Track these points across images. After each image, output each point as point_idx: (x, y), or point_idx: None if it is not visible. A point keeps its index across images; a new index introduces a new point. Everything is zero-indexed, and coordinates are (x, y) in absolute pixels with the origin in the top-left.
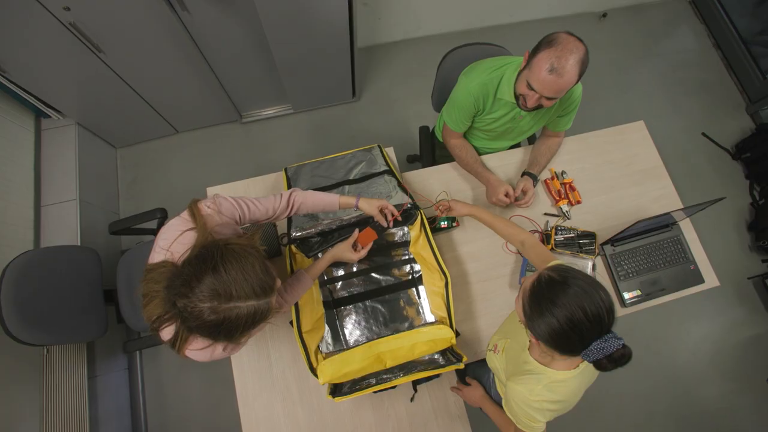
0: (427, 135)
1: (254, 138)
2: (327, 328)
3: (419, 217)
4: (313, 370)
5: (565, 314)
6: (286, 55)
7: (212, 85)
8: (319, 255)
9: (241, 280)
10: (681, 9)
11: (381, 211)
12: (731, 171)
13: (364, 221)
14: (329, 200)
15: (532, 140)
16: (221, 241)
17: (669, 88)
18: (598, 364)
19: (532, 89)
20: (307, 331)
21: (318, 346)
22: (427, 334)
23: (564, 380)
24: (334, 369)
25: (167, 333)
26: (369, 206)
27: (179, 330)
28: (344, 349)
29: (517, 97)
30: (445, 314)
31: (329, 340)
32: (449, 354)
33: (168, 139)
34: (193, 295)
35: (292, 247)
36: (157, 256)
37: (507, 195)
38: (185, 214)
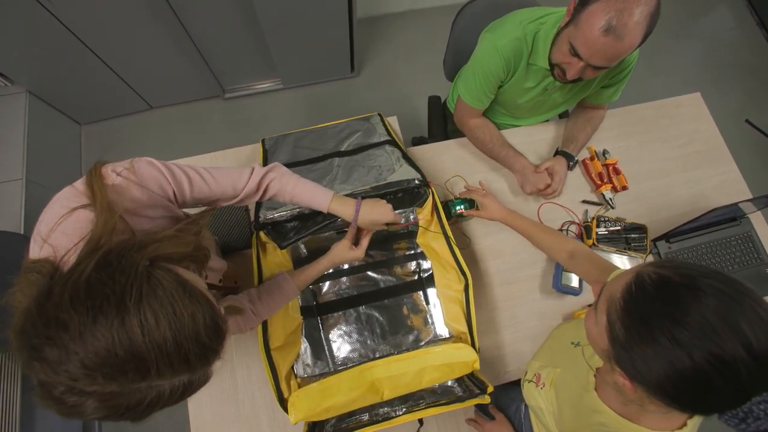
0: (438, 106)
1: (239, 116)
2: (305, 343)
3: (430, 197)
4: (284, 403)
5: (709, 346)
6: (276, 22)
7: (190, 54)
8: (301, 246)
9: (170, 345)
10: None
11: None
12: None
13: None
14: (318, 195)
15: (562, 115)
16: (141, 256)
17: (707, 71)
18: None
19: (576, 55)
20: (278, 347)
21: (292, 368)
22: (440, 355)
23: None
24: (312, 402)
25: None
26: (372, 224)
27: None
28: (328, 372)
29: (552, 66)
30: (464, 327)
31: (308, 360)
32: (468, 381)
33: (140, 115)
34: (67, 367)
35: (261, 234)
36: (34, 247)
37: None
38: (80, 184)
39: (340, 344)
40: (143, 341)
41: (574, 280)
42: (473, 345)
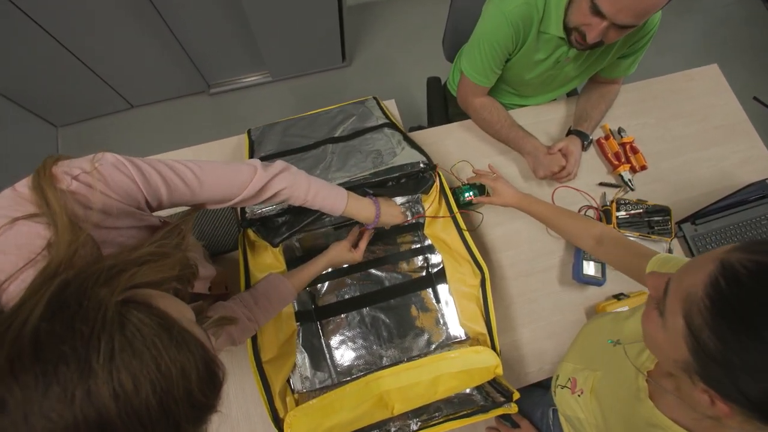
0: (437, 88)
1: (225, 111)
2: (303, 353)
3: (437, 182)
4: (279, 423)
5: None
6: (262, 11)
7: (171, 48)
8: (296, 244)
9: (155, 414)
10: None
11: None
12: None
13: None
14: (332, 199)
15: (570, 94)
16: (112, 290)
17: (712, 48)
18: None
19: (599, 14)
20: (270, 359)
21: (287, 382)
22: (456, 361)
23: None
24: (312, 422)
25: None
26: (383, 225)
27: None
28: (330, 385)
29: (568, 30)
30: (482, 328)
31: (306, 372)
32: (490, 388)
33: (121, 115)
34: None
35: (249, 232)
36: None
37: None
38: (23, 186)
39: (343, 351)
40: (119, 415)
41: (597, 269)
42: (493, 347)
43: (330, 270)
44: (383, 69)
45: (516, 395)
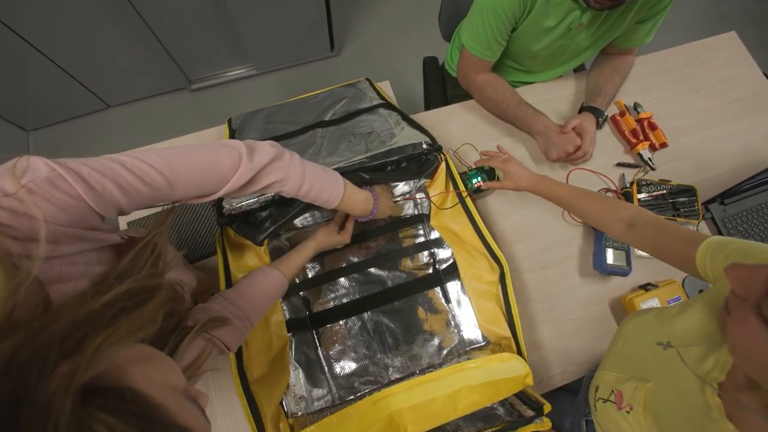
0: (435, 68)
1: (208, 108)
2: (297, 368)
3: (443, 165)
4: None
5: None
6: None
7: (148, 43)
8: (285, 242)
9: None
10: None
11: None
12: None
13: None
14: (328, 190)
15: (577, 70)
16: (64, 380)
17: (712, 25)
18: None
19: None
20: (259, 378)
21: (280, 404)
22: (478, 371)
23: None
24: None
25: None
26: (380, 216)
27: None
28: (330, 406)
29: None
30: (504, 330)
31: (302, 391)
32: (516, 400)
33: (97, 116)
34: None
35: (230, 230)
36: None
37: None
38: None
39: (344, 363)
40: None
41: (621, 258)
42: (520, 353)
43: (325, 271)
44: (374, 57)
45: (547, 407)
